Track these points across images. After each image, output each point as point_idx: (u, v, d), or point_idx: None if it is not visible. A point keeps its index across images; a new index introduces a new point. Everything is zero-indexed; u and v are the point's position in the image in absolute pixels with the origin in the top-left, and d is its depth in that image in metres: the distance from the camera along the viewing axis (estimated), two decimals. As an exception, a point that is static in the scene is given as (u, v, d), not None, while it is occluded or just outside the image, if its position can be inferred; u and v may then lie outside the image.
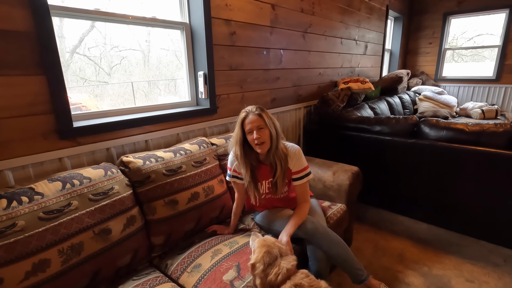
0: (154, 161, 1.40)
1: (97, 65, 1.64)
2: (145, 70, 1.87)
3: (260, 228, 1.54)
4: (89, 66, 1.62)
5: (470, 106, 4.20)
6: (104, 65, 1.67)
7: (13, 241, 0.93)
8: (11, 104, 1.14)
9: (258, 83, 2.29)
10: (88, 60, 1.60)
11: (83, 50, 1.57)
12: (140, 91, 1.87)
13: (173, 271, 1.27)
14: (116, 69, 1.73)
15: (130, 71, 1.79)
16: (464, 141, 1.88)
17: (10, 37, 1.11)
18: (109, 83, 1.71)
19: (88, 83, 1.63)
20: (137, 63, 1.81)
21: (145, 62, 1.86)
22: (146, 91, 1.91)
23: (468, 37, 4.85)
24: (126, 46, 1.72)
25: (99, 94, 1.69)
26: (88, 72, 1.63)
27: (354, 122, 2.45)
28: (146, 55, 1.86)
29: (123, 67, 1.76)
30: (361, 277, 1.26)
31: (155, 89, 1.94)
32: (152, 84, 1.94)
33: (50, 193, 1.07)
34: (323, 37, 2.97)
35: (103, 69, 1.67)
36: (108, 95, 1.72)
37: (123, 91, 1.80)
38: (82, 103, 2.01)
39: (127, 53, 1.73)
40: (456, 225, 2.04)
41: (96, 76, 1.65)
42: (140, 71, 1.84)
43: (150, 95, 1.95)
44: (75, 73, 1.61)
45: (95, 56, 1.62)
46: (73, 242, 1.05)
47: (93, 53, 1.60)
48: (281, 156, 1.39)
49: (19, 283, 0.92)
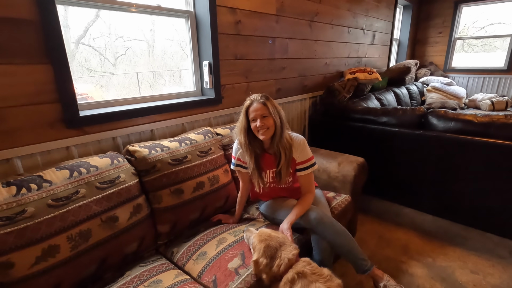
0: (159, 151, 1.41)
1: (102, 56, 1.64)
2: (150, 61, 1.86)
3: (265, 218, 1.56)
4: (94, 56, 1.62)
5: (480, 98, 4.11)
6: (109, 56, 1.66)
7: (23, 227, 0.95)
8: (18, 93, 1.15)
9: (264, 73, 2.27)
10: (93, 51, 1.60)
11: (88, 41, 1.56)
12: (145, 81, 1.87)
13: (179, 258, 1.29)
14: (121, 60, 1.73)
15: (135, 61, 1.78)
16: (473, 132, 1.85)
17: (16, 25, 1.11)
18: (114, 73, 1.71)
19: (93, 73, 1.63)
20: (142, 54, 1.80)
21: (149, 52, 1.85)
22: (151, 82, 1.91)
23: (480, 27, 4.71)
24: (131, 37, 1.71)
25: (104, 85, 1.69)
26: (94, 63, 1.63)
27: (360, 113, 2.42)
28: (151, 46, 1.84)
29: (128, 58, 1.75)
30: (364, 267, 1.26)
31: (160, 80, 1.94)
32: (157, 75, 1.93)
33: (58, 181, 1.09)
34: (330, 26, 2.91)
35: (108, 59, 1.67)
36: (113, 85, 1.72)
37: (128, 81, 1.79)
38: (87, 93, 2.02)
39: (132, 43, 1.72)
40: (462, 217, 2.03)
41: (101, 66, 1.65)
42: (145, 62, 1.83)
43: (155, 86, 1.94)
44: (81, 64, 1.61)
45: (100, 47, 1.61)
46: (81, 229, 1.07)
47: (98, 43, 1.59)
48: (286, 145, 1.39)
49: (30, 268, 0.95)
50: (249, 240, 1.24)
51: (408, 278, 1.65)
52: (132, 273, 1.15)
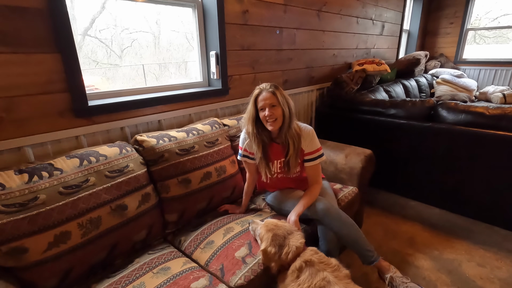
0: (167, 141, 1.42)
1: (109, 48, 1.64)
2: (156, 53, 1.85)
3: (271, 209, 1.56)
4: (101, 48, 1.62)
5: (491, 90, 4.02)
6: (115, 48, 1.66)
7: (35, 213, 0.97)
8: (28, 82, 1.16)
9: (271, 63, 2.25)
10: (100, 43, 1.60)
11: (95, 32, 1.56)
12: (151, 73, 1.87)
13: (187, 247, 1.31)
14: (127, 52, 1.73)
15: (141, 53, 1.78)
16: (484, 125, 1.82)
17: (25, 14, 1.11)
18: (121, 65, 1.71)
19: (100, 65, 1.64)
20: (148, 46, 1.80)
21: (155, 44, 1.84)
22: (157, 74, 1.91)
23: (492, 17, 4.57)
24: (137, 28, 1.71)
25: (111, 77, 1.69)
26: (100, 55, 1.63)
27: (368, 105, 2.39)
28: (157, 37, 1.83)
29: (134, 50, 1.75)
30: (371, 258, 1.27)
31: (165, 72, 1.94)
32: (163, 67, 1.93)
33: (68, 169, 1.11)
34: (338, 16, 2.85)
35: (114, 51, 1.67)
36: (120, 77, 1.72)
37: (134, 73, 1.80)
38: (94, 85, 2.03)
39: (137, 35, 1.72)
40: (470, 211, 2.01)
41: (107, 58, 1.65)
42: (150, 54, 1.83)
43: (161, 78, 1.94)
44: (87, 56, 1.61)
45: (106, 39, 1.61)
46: (92, 217, 1.09)
47: (104, 35, 1.59)
48: (294, 136, 1.38)
49: (43, 253, 0.97)
50: (255, 231, 1.24)
51: (414, 270, 1.66)
52: (141, 260, 1.17)
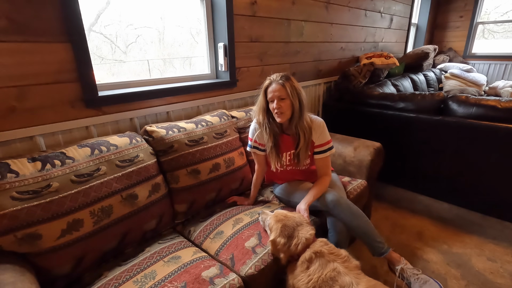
0: (176, 131, 1.42)
1: (113, 43, 1.64)
2: (161, 48, 1.85)
3: (280, 200, 1.56)
4: (106, 44, 1.62)
5: (501, 85, 3.95)
6: (120, 43, 1.66)
7: (49, 200, 0.98)
8: (39, 71, 1.16)
9: (278, 56, 2.23)
10: (105, 38, 1.60)
11: (100, 28, 1.56)
12: (155, 69, 1.87)
13: (196, 237, 1.31)
14: (132, 48, 1.73)
15: (146, 49, 1.78)
16: (496, 118, 1.78)
17: (36, 2, 1.11)
18: (125, 61, 1.71)
19: (104, 61, 1.64)
20: (152, 41, 1.80)
21: (160, 40, 1.84)
22: (161, 70, 1.91)
23: (502, 12, 4.47)
24: (141, 24, 1.71)
25: (116, 72, 1.70)
26: (105, 51, 1.63)
27: (376, 99, 2.36)
28: (161, 33, 1.83)
29: (138, 45, 1.75)
30: (381, 250, 1.26)
31: (170, 68, 1.94)
32: (168, 63, 1.93)
33: (80, 158, 1.11)
34: (347, 8, 2.82)
35: (119, 47, 1.67)
36: (125, 73, 1.73)
37: (139, 69, 1.80)
38: (100, 80, 2.03)
39: (142, 31, 1.72)
40: (480, 206, 1.98)
41: (112, 54, 1.65)
42: (155, 49, 1.83)
43: (166, 74, 1.95)
44: (92, 51, 1.62)
45: (111, 34, 1.61)
46: (103, 205, 1.10)
47: (109, 31, 1.59)
48: (305, 127, 1.37)
49: (56, 240, 0.98)
50: (264, 222, 1.24)
51: (423, 263, 1.65)
52: (151, 249, 1.18)
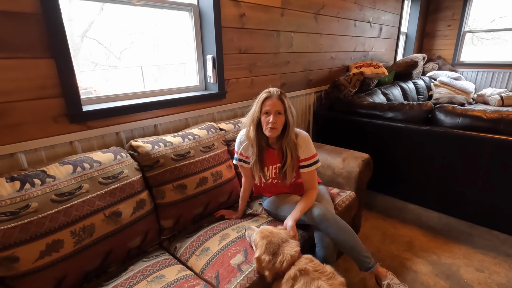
0: (162, 146, 1.41)
1: (107, 49, 1.63)
2: (155, 54, 1.84)
3: (268, 214, 1.55)
4: (99, 50, 1.61)
5: (488, 93, 4.03)
6: (114, 49, 1.65)
7: (27, 221, 0.96)
8: (21, 87, 1.15)
9: (268, 67, 2.24)
10: (98, 44, 1.59)
11: (93, 34, 1.55)
12: (149, 75, 1.86)
13: (182, 253, 1.29)
14: (126, 53, 1.72)
15: (140, 55, 1.77)
16: (482, 128, 1.81)
17: (18, 19, 1.10)
18: (119, 67, 1.70)
19: (98, 67, 1.63)
20: (146, 47, 1.79)
21: (154, 46, 1.83)
22: (155, 76, 1.90)
23: (490, 20, 4.59)
24: (135, 30, 1.70)
25: (109, 78, 1.68)
26: (99, 56, 1.62)
27: (366, 108, 2.38)
28: (155, 39, 1.83)
29: (132, 51, 1.74)
30: (368, 265, 1.25)
31: (164, 73, 1.93)
32: (161, 68, 1.92)
33: (61, 176, 1.09)
34: (336, 19, 2.85)
35: (113, 53, 1.66)
36: (118, 79, 1.71)
37: (132, 75, 1.79)
38: (93, 87, 2.02)
39: (136, 37, 1.71)
40: (468, 215, 2.00)
41: (106, 60, 1.64)
42: (149, 55, 1.82)
43: (160, 79, 1.93)
44: (86, 57, 1.60)
45: (105, 40, 1.60)
46: (85, 224, 1.08)
47: (103, 37, 1.58)
48: (292, 145, 1.38)
49: (34, 262, 0.96)
50: (251, 237, 1.23)
51: (412, 275, 1.64)
52: (135, 268, 1.16)
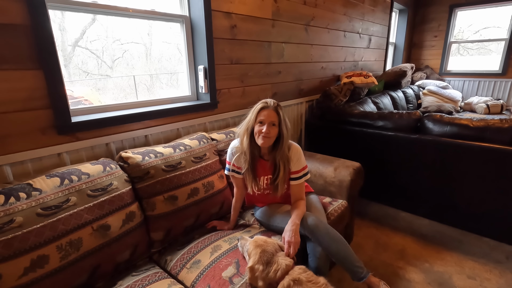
0: (153, 157, 1.39)
1: (99, 59, 1.63)
2: (147, 64, 1.84)
3: (260, 224, 1.54)
4: (91, 59, 1.60)
5: (475, 101, 4.14)
6: (106, 59, 1.65)
7: (11, 237, 0.93)
8: (8, 98, 1.13)
9: (259, 77, 2.26)
10: (90, 53, 1.59)
11: (85, 43, 1.55)
12: (142, 84, 1.85)
13: (173, 267, 1.27)
14: (118, 63, 1.71)
15: (132, 64, 1.77)
16: (469, 137, 1.85)
17: (6, 30, 1.09)
18: (111, 76, 1.69)
19: (90, 76, 1.62)
20: (139, 57, 1.79)
21: (147, 55, 1.84)
22: (148, 85, 1.89)
23: (475, 30, 4.75)
24: (128, 39, 1.70)
25: (101, 88, 1.67)
26: (91, 66, 1.61)
27: (356, 117, 2.41)
28: (148, 48, 1.83)
29: (125, 61, 1.74)
30: (360, 275, 1.25)
31: (157, 83, 1.93)
32: (154, 78, 1.91)
33: (48, 189, 1.07)
34: (326, 30, 2.91)
35: (105, 62, 1.65)
36: (110, 88, 1.70)
37: (125, 84, 1.78)
38: (84, 96, 1.99)
39: (129, 46, 1.71)
40: (459, 222, 2.02)
41: (98, 69, 1.63)
42: (142, 65, 1.82)
43: (152, 89, 1.93)
44: (78, 66, 1.59)
45: (97, 49, 1.60)
46: (72, 238, 1.05)
47: (95, 46, 1.58)
48: (285, 158, 1.38)
49: (18, 279, 0.92)
50: (243, 248, 1.22)
51: (405, 283, 1.64)
52: (124, 283, 1.13)
